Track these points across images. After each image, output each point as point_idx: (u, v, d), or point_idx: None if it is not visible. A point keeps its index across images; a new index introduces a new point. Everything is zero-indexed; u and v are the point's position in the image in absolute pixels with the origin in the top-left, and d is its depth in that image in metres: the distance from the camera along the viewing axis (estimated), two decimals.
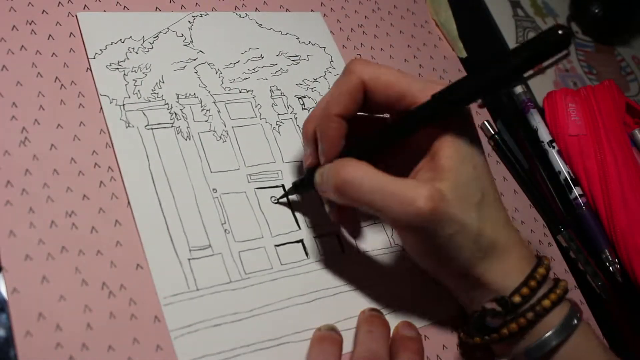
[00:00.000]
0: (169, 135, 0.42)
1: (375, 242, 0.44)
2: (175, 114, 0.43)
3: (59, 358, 0.32)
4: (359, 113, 0.39)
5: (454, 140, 0.36)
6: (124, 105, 0.41)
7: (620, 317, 0.51)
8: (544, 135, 0.57)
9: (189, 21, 0.47)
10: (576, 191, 0.55)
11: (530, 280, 0.37)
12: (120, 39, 0.44)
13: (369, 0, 0.58)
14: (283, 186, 0.43)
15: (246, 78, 0.47)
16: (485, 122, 0.56)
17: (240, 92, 0.46)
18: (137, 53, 0.44)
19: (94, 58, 0.42)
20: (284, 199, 0.43)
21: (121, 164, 0.39)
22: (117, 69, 0.42)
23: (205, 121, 0.43)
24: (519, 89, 0.60)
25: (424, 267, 0.40)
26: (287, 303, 0.39)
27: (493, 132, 0.55)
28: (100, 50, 0.43)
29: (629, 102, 0.60)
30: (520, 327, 0.37)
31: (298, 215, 0.43)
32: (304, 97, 0.48)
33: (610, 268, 0.53)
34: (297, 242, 0.41)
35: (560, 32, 0.31)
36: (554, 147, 0.57)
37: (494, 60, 0.34)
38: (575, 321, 0.37)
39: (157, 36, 0.45)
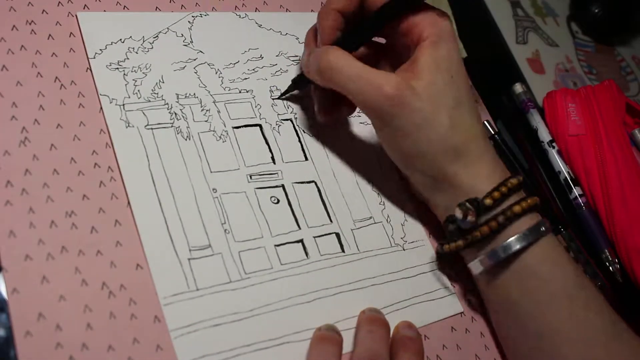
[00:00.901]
0: (169, 135, 0.42)
1: (375, 242, 0.44)
2: (175, 114, 0.43)
3: (59, 358, 0.32)
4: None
5: (433, 48, 0.40)
6: (124, 105, 0.41)
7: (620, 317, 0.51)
8: (544, 135, 0.57)
9: (188, 21, 0.47)
10: (576, 191, 0.55)
11: (502, 186, 0.40)
12: (120, 39, 0.44)
13: None
14: (283, 186, 0.43)
15: (246, 78, 0.47)
16: (485, 122, 0.56)
17: (240, 92, 0.46)
18: (137, 53, 0.44)
19: (94, 58, 0.42)
20: (285, 95, 0.47)
21: (121, 164, 0.39)
22: (117, 68, 0.42)
23: (205, 121, 0.43)
24: (519, 89, 0.60)
25: (399, 165, 0.43)
26: (287, 303, 0.39)
27: (493, 132, 0.55)
28: (100, 50, 0.43)
29: (629, 102, 0.60)
30: (491, 229, 0.39)
31: (298, 215, 0.43)
32: (304, 97, 0.48)
33: (610, 268, 0.53)
34: (297, 242, 0.41)
35: None
36: (554, 147, 0.57)
37: None
38: (543, 229, 0.40)
39: (157, 36, 0.45)
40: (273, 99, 0.47)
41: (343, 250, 0.42)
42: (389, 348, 0.38)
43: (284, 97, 0.47)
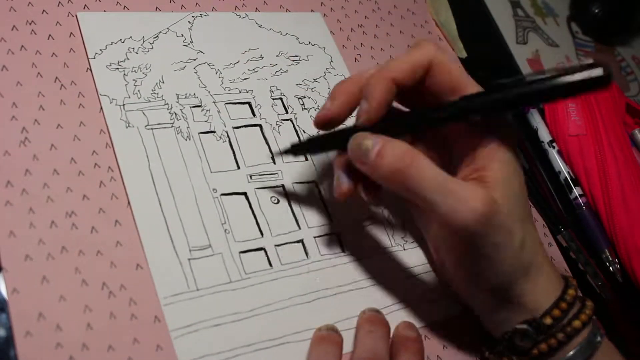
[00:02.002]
0: (169, 136, 0.42)
1: (376, 242, 0.44)
2: (175, 114, 0.43)
3: (59, 358, 0.32)
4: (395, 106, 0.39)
5: (505, 156, 0.36)
6: (124, 105, 0.41)
7: (620, 317, 0.51)
8: (544, 135, 0.57)
9: (188, 21, 0.47)
10: (576, 191, 0.55)
11: (561, 302, 0.37)
12: (120, 39, 0.44)
13: (369, 0, 0.58)
14: (283, 186, 0.43)
15: (246, 78, 0.47)
16: None
17: (240, 92, 0.46)
18: (137, 53, 0.44)
19: (94, 58, 0.42)
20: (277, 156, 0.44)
21: (121, 164, 0.39)
22: (117, 69, 0.42)
23: (205, 121, 0.43)
24: None
25: (455, 281, 0.40)
26: (287, 303, 0.39)
27: None
28: (100, 50, 0.43)
29: (629, 102, 0.60)
30: (550, 347, 0.37)
31: (298, 215, 0.43)
32: (304, 97, 0.48)
33: (610, 268, 0.53)
34: (297, 242, 0.41)
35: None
36: (554, 147, 0.57)
37: (535, 77, 0.34)
38: (599, 338, 0.37)
39: (157, 36, 0.45)
40: (284, 159, 0.43)
41: (343, 251, 0.42)
42: (389, 348, 0.38)
43: (276, 156, 0.44)
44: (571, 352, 0.37)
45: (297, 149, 0.42)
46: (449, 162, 0.39)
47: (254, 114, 0.45)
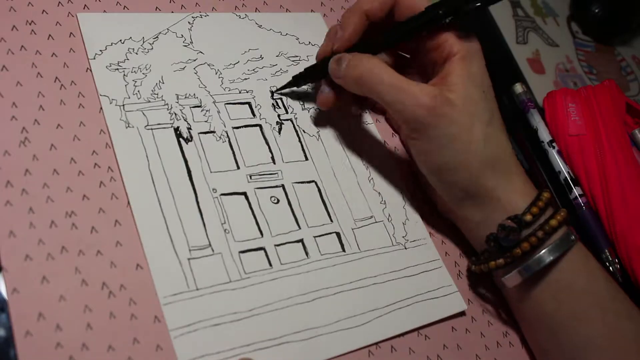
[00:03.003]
0: (169, 136, 0.42)
1: (377, 241, 0.44)
2: (175, 114, 0.43)
3: (59, 358, 0.32)
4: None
5: (465, 63, 0.41)
6: (123, 105, 0.41)
7: None
8: (544, 135, 0.57)
9: (188, 22, 0.47)
10: (576, 191, 0.55)
11: (538, 201, 0.40)
12: (120, 40, 0.44)
13: None
14: (283, 186, 0.43)
15: (246, 78, 0.47)
16: None
17: (240, 92, 0.46)
18: (137, 53, 0.44)
19: (94, 58, 0.42)
20: (284, 90, 0.47)
21: (121, 164, 0.39)
22: (117, 69, 0.42)
23: (205, 121, 0.43)
24: (519, 89, 0.60)
25: (435, 194, 0.45)
26: (287, 303, 0.39)
27: None
28: (100, 50, 0.43)
29: (629, 102, 0.60)
30: (531, 245, 0.40)
31: (298, 215, 0.43)
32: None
33: (610, 268, 0.53)
34: (297, 241, 0.41)
35: None
36: (554, 147, 0.57)
37: None
38: (573, 237, 0.41)
39: (157, 37, 0.45)
40: (271, 91, 0.47)
41: (344, 250, 0.42)
42: None
43: (282, 91, 0.47)
44: (545, 249, 0.40)
45: (297, 79, 0.47)
46: (424, 77, 0.44)
47: (253, 114, 0.46)
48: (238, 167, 0.43)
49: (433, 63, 0.43)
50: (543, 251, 0.40)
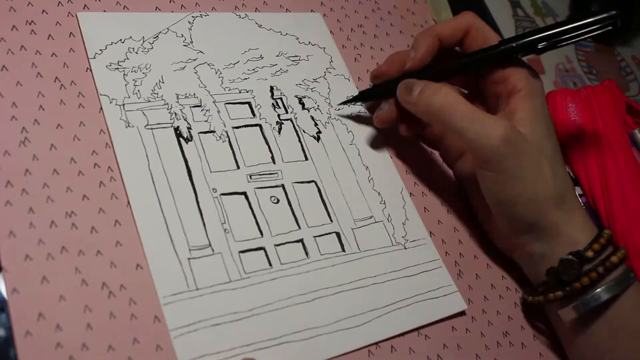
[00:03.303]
0: (169, 135, 0.42)
1: (376, 241, 0.44)
2: (175, 114, 0.43)
3: (59, 358, 0.32)
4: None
5: (531, 100, 0.42)
6: (123, 105, 0.41)
7: None
8: None
9: (188, 21, 0.47)
10: (576, 191, 0.55)
11: (600, 238, 0.41)
12: (120, 39, 0.44)
13: (369, 0, 0.58)
14: (283, 186, 0.43)
15: (246, 78, 0.47)
16: None
17: (240, 92, 0.46)
18: (137, 53, 0.44)
19: (94, 58, 0.42)
20: (348, 104, 0.49)
21: (121, 164, 0.39)
22: (117, 69, 0.42)
23: (205, 121, 0.43)
24: None
25: (495, 228, 0.45)
26: (287, 303, 0.39)
27: None
28: (100, 50, 0.43)
29: (629, 102, 0.60)
30: (591, 280, 0.40)
31: (298, 214, 0.43)
32: (304, 97, 0.48)
33: None
34: (297, 241, 0.41)
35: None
36: None
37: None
38: (632, 274, 0.41)
39: (157, 36, 0.45)
40: (336, 107, 0.49)
41: (343, 250, 0.42)
42: None
43: (345, 105, 0.49)
44: (607, 284, 0.40)
45: (364, 95, 0.48)
46: (488, 108, 0.46)
47: (253, 114, 0.46)
48: (238, 167, 0.43)
49: (496, 96, 0.44)
50: (602, 287, 0.40)
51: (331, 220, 0.43)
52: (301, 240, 0.42)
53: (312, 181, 0.44)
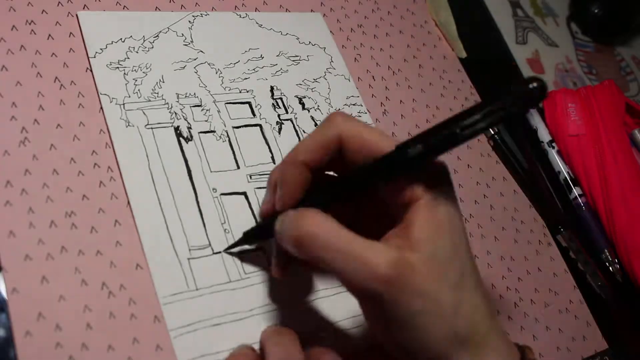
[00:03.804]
0: (169, 135, 0.42)
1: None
2: (175, 113, 0.43)
3: (59, 358, 0.32)
4: (327, 172, 0.37)
5: (430, 210, 0.32)
6: (124, 104, 0.41)
7: (620, 317, 0.51)
8: (544, 135, 0.57)
9: (189, 21, 0.47)
10: (576, 191, 0.55)
11: None
12: (121, 39, 0.44)
13: (369, 0, 0.58)
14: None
15: (246, 78, 0.47)
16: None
17: (240, 92, 0.46)
18: (137, 52, 0.44)
19: (94, 57, 0.42)
20: (234, 249, 0.39)
21: (121, 164, 0.39)
22: (117, 68, 0.42)
23: (205, 121, 0.43)
24: None
25: (390, 352, 0.34)
26: (287, 303, 0.39)
27: (493, 132, 0.55)
28: (101, 49, 0.43)
29: (629, 102, 0.60)
30: None
31: None
32: (304, 97, 0.48)
33: (610, 268, 0.53)
34: None
35: (534, 85, 0.28)
36: (553, 147, 0.57)
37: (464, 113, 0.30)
38: None
39: (157, 36, 0.45)
40: (224, 251, 0.39)
41: None
42: (302, 352, 0.34)
43: (232, 250, 0.39)
44: None
45: (247, 236, 0.39)
46: (386, 223, 0.34)
47: (254, 114, 0.46)
48: (238, 167, 0.43)
49: (394, 206, 0.34)
50: None
51: None
52: None
53: None
